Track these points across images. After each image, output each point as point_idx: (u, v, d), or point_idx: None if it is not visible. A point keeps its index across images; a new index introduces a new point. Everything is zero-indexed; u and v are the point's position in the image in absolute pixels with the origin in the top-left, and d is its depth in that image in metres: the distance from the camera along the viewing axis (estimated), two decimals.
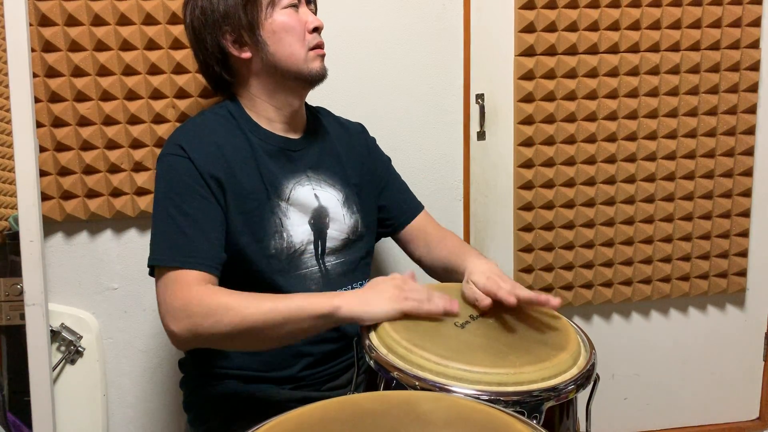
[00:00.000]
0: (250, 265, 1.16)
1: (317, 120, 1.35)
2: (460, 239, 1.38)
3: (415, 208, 1.42)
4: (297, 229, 1.20)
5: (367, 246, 1.33)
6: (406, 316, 1.02)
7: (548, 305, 1.05)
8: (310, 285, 1.21)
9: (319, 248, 1.23)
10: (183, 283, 1.04)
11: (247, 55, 1.18)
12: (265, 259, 1.17)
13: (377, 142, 1.46)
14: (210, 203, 1.12)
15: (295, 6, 1.18)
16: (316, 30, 1.20)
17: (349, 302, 1.01)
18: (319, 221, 1.23)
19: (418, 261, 1.39)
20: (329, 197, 1.26)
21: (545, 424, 0.90)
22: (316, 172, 1.26)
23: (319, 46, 1.21)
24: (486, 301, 1.06)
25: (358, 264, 1.29)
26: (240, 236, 1.15)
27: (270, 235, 1.17)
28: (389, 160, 1.47)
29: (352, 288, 1.28)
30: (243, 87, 1.23)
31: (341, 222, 1.26)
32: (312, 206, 1.23)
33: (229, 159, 1.16)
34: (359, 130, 1.43)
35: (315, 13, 1.25)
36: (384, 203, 1.40)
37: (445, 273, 1.30)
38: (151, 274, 1.12)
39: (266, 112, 1.23)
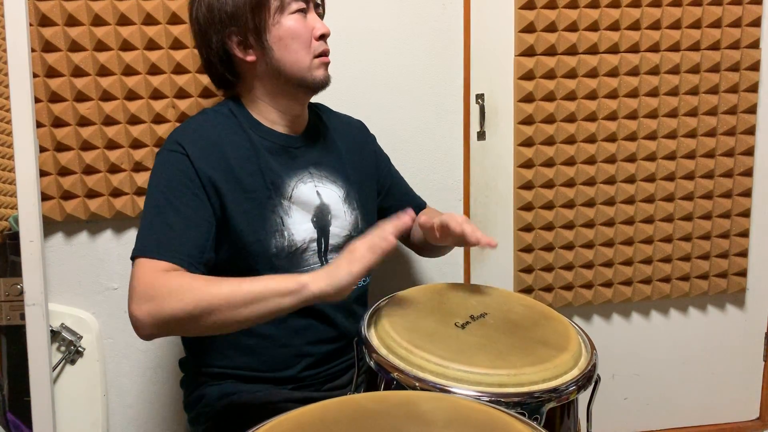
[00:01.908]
0: (251, 264, 1.16)
1: (318, 117, 1.35)
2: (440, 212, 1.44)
3: (420, 207, 1.48)
4: (299, 228, 1.20)
5: None
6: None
7: (489, 246, 1.13)
8: None
9: (323, 246, 1.23)
10: (150, 270, 1.03)
11: (251, 58, 1.17)
12: (266, 257, 1.17)
13: (378, 142, 1.46)
14: (201, 202, 1.11)
15: (303, 11, 1.17)
16: (323, 37, 1.19)
17: (315, 278, 0.99)
18: (321, 219, 1.24)
19: (411, 244, 1.47)
20: (331, 194, 1.26)
21: (546, 425, 0.90)
22: (318, 169, 1.26)
23: (325, 53, 1.20)
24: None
25: None
26: (242, 235, 1.15)
27: (270, 234, 1.17)
28: (389, 158, 1.47)
29: (358, 286, 1.28)
30: (246, 88, 1.23)
31: (343, 219, 1.27)
32: (314, 204, 1.23)
33: (230, 158, 1.15)
34: (359, 126, 1.44)
35: (322, 17, 1.24)
36: (390, 203, 1.42)
37: (429, 247, 1.36)
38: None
39: (269, 114, 1.23)
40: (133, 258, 1.08)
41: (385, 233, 1.02)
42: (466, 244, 1.18)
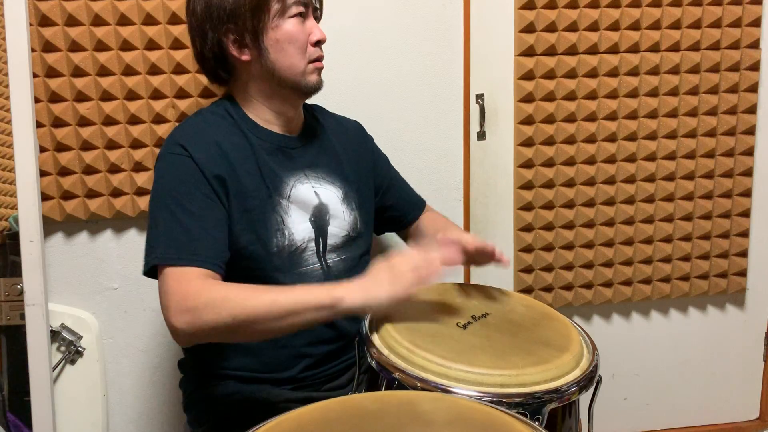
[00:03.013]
0: (252, 263, 1.16)
1: (314, 118, 1.35)
2: (446, 219, 1.46)
3: (420, 204, 1.47)
4: (298, 227, 1.20)
5: (366, 243, 1.34)
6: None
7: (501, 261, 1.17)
8: (312, 283, 1.21)
9: (320, 246, 1.23)
10: (183, 279, 1.04)
11: (246, 57, 1.17)
12: (267, 257, 1.17)
13: (378, 142, 1.46)
14: (213, 202, 1.11)
15: (302, 15, 1.17)
16: (318, 43, 1.19)
17: (351, 292, 1.00)
18: (319, 218, 1.23)
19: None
20: (329, 194, 1.26)
21: (548, 425, 0.90)
22: (314, 170, 1.26)
23: (319, 59, 1.20)
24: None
25: (359, 261, 1.29)
26: (242, 234, 1.15)
27: (272, 233, 1.17)
28: (387, 158, 1.47)
29: None
30: (240, 87, 1.23)
31: (341, 219, 1.27)
32: (312, 204, 1.23)
33: (230, 157, 1.15)
34: (356, 127, 1.44)
35: (319, 21, 1.24)
36: (391, 202, 1.42)
37: None
38: (146, 273, 1.10)
39: (263, 114, 1.23)
40: (155, 266, 1.08)
41: (433, 262, 1.02)
42: (478, 262, 1.21)
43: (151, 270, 1.09)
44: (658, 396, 1.92)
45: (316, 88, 1.21)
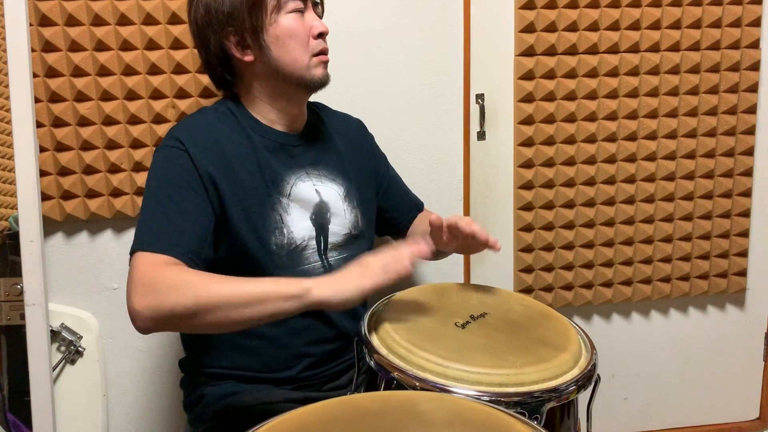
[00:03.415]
0: (252, 261, 1.16)
1: (316, 116, 1.35)
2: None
3: (418, 206, 1.48)
4: (298, 225, 1.20)
5: (369, 242, 1.34)
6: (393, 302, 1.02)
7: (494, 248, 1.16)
8: None
9: (321, 244, 1.23)
10: (152, 264, 1.02)
11: (249, 58, 1.17)
12: (266, 255, 1.17)
13: (378, 142, 1.46)
14: (201, 198, 1.11)
15: (300, 11, 1.17)
16: (321, 36, 1.19)
17: (319, 284, 0.99)
18: (320, 217, 1.23)
19: None
20: (330, 192, 1.26)
21: (546, 425, 0.90)
22: (316, 168, 1.26)
23: (323, 52, 1.20)
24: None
25: None
26: (241, 232, 1.15)
27: (270, 231, 1.17)
28: (387, 158, 1.47)
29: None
30: (244, 87, 1.23)
31: (342, 217, 1.27)
32: (313, 202, 1.23)
33: (228, 155, 1.15)
34: (358, 125, 1.44)
35: (321, 16, 1.24)
36: (390, 204, 1.43)
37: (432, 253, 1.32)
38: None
39: (267, 113, 1.23)
40: (132, 252, 1.07)
41: (401, 256, 1.02)
42: (472, 249, 1.19)
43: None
44: (658, 396, 1.92)
45: (323, 81, 1.21)
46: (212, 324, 0.99)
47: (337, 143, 1.33)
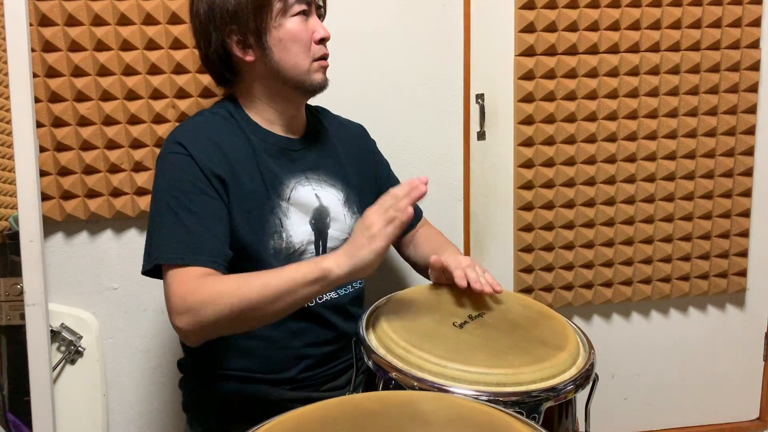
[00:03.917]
0: (253, 263, 1.16)
1: (317, 120, 1.35)
2: (444, 238, 1.42)
3: (417, 215, 1.45)
4: (297, 230, 1.20)
5: None
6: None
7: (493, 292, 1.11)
8: None
9: (320, 248, 1.23)
10: (184, 279, 1.04)
11: (250, 58, 1.17)
12: (265, 258, 1.17)
13: (378, 142, 1.46)
14: (214, 200, 1.12)
15: (305, 14, 1.16)
16: (323, 41, 1.19)
17: (338, 261, 1.00)
18: (320, 221, 1.23)
19: (407, 259, 1.44)
20: (330, 197, 1.26)
21: (544, 424, 0.90)
22: (315, 173, 1.26)
23: (324, 57, 1.20)
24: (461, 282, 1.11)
25: None
26: (241, 234, 1.15)
27: (269, 234, 1.17)
28: (389, 164, 1.47)
29: (353, 287, 1.28)
30: (244, 87, 1.23)
31: (342, 222, 1.26)
32: (313, 206, 1.23)
33: (230, 158, 1.15)
34: (360, 131, 1.43)
35: (323, 19, 1.23)
36: None
37: (427, 269, 1.29)
38: (147, 272, 1.11)
39: (266, 114, 1.23)
40: (156, 266, 1.08)
41: (401, 205, 0.99)
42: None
43: (151, 269, 1.10)
44: (658, 396, 1.92)
45: (321, 86, 1.21)
46: (253, 322, 1.05)
47: (337, 148, 1.33)
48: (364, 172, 1.36)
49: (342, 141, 1.35)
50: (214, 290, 1.02)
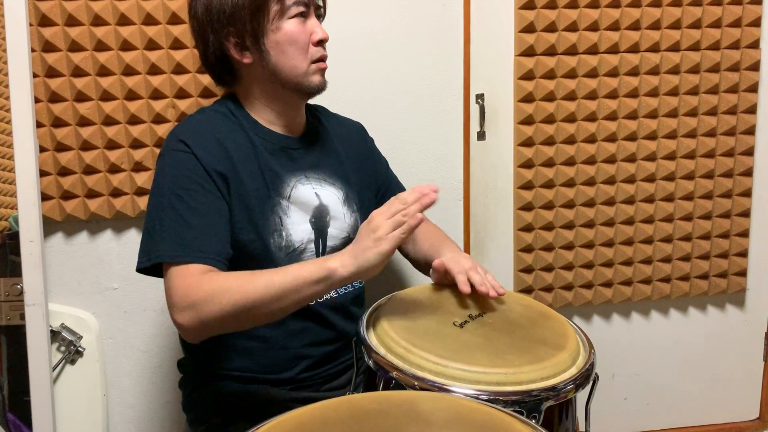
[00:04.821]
0: (253, 261, 1.16)
1: (316, 119, 1.35)
2: (443, 234, 1.41)
3: None
4: (297, 228, 1.20)
5: None
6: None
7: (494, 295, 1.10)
8: None
9: (320, 247, 1.23)
10: (185, 276, 1.04)
11: (248, 60, 1.16)
12: (266, 256, 1.17)
13: (377, 142, 1.46)
14: (216, 198, 1.12)
15: (303, 15, 1.16)
16: (321, 43, 1.18)
17: (344, 263, 1.00)
18: (320, 220, 1.23)
19: (405, 255, 1.43)
20: (330, 195, 1.26)
21: (544, 424, 0.90)
22: (315, 172, 1.26)
23: (322, 59, 1.19)
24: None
25: None
26: (242, 232, 1.15)
27: (269, 233, 1.17)
28: (387, 162, 1.47)
29: (353, 287, 1.28)
30: (243, 88, 1.22)
31: (342, 220, 1.26)
32: (313, 205, 1.23)
33: (232, 155, 1.15)
34: (359, 129, 1.43)
35: (322, 20, 1.23)
36: None
37: (426, 265, 1.30)
38: (143, 270, 1.11)
39: (266, 114, 1.23)
40: (157, 264, 1.08)
41: (411, 210, 1.00)
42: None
43: (149, 267, 1.10)
44: (658, 396, 1.92)
45: (319, 88, 1.21)
46: (255, 320, 1.05)
47: (337, 147, 1.33)
48: (364, 171, 1.36)
49: (341, 140, 1.35)
50: (218, 286, 1.02)
